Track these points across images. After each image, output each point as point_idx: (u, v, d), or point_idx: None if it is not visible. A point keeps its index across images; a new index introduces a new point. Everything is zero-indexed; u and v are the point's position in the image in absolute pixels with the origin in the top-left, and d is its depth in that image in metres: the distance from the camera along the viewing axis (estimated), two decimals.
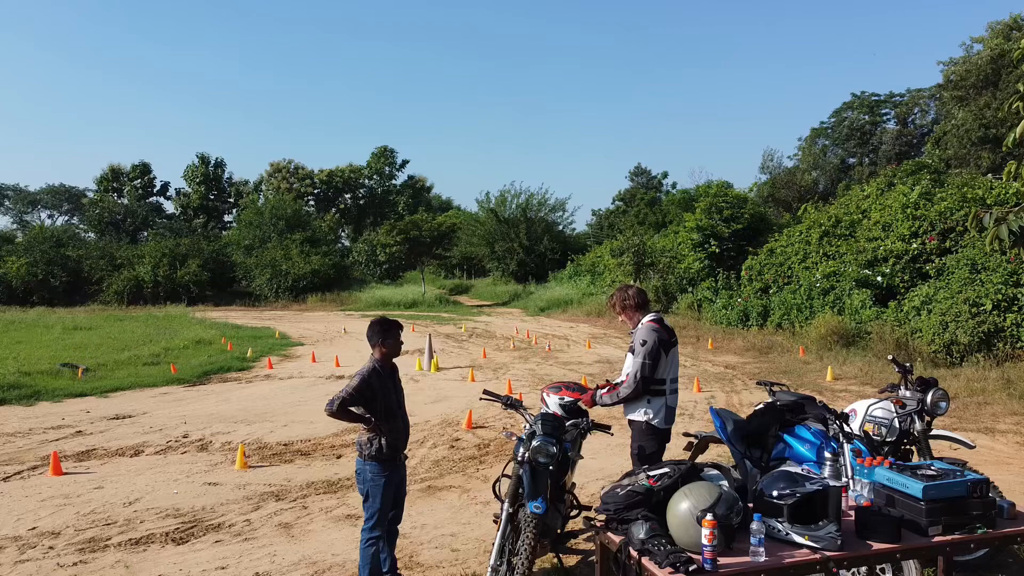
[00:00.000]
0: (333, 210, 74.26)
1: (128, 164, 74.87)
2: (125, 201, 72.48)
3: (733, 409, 11.18)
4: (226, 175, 77.05)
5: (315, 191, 76.57)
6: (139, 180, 74.94)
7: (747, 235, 21.33)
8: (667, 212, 73.64)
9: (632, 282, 27.23)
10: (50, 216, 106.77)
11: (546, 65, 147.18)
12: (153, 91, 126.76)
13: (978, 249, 14.82)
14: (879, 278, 16.31)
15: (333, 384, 13.61)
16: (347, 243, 72.13)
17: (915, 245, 16.20)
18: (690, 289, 24.02)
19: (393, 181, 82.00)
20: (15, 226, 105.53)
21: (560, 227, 46.43)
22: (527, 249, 42.83)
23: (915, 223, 16.62)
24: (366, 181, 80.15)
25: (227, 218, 77.49)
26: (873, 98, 55.52)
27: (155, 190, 76.33)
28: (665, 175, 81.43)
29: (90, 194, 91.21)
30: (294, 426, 10.24)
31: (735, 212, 21.21)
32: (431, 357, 15.46)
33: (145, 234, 63.18)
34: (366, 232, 53.43)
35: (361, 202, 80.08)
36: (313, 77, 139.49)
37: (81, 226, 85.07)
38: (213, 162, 75.86)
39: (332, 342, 21.72)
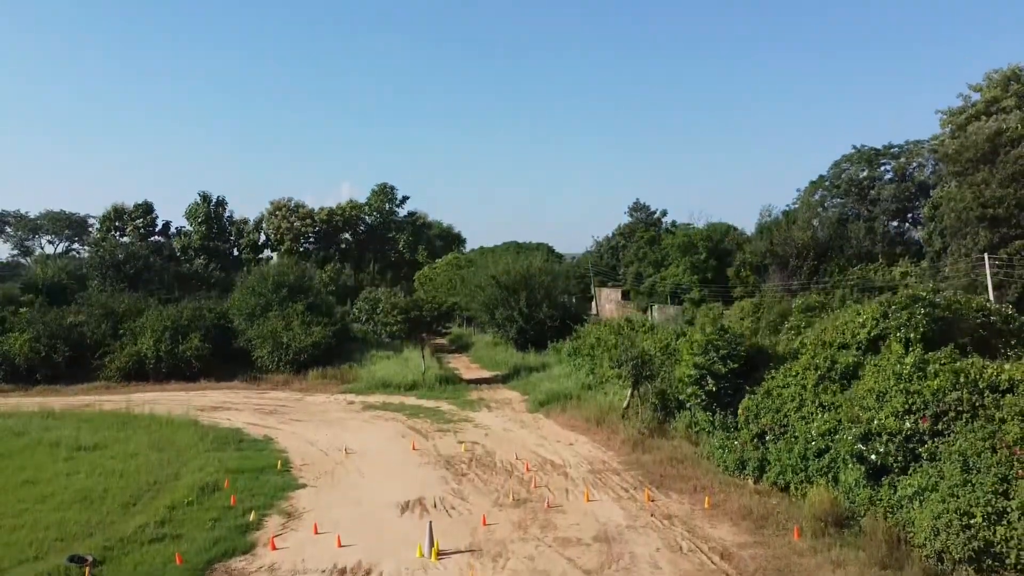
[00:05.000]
0: (333, 250, 74.71)
1: (131, 203, 75.40)
2: (127, 240, 72.88)
3: None
4: (227, 213, 77.45)
5: (315, 229, 76.97)
6: (141, 220, 75.39)
7: (743, 372, 21.66)
8: (667, 253, 73.54)
9: (631, 394, 27.31)
10: (51, 242, 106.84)
11: (548, 96, 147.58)
12: (156, 123, 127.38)
13: (970, 442, 15.07)
14: (873, 456, 16.56)
15: None
16: (349, 275, 72.23)
17: (908, 424, 16.41)
18: (689, 406, 24.25)
19: (393, 217, 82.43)
20: (16, 252, 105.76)
21: (560, 294, 46.76)
22: (527, 317, 43.16)
23: (908, 398, 16.83)
24: (366, 218, 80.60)
25: (229, 249, 77.88)
26: (872, 151, 55.78)
27: (157, 229, 76.73)
28: (664, 213, 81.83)
29: (92, 221, 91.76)
30: None
31: (731, 350, 21.52)
32: (431, 544, 15.75)
33: (144, 277, 63.02)
34: (366, 289, 53.84)
35: (361, 238, 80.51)
36: (315, 114, 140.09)
37: (84, 253, 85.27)
38: (214, 200, 76.25)
39: (333, 475, 22.07)
